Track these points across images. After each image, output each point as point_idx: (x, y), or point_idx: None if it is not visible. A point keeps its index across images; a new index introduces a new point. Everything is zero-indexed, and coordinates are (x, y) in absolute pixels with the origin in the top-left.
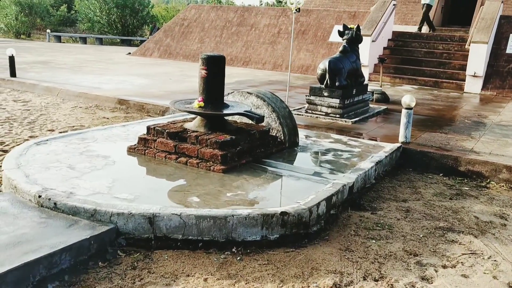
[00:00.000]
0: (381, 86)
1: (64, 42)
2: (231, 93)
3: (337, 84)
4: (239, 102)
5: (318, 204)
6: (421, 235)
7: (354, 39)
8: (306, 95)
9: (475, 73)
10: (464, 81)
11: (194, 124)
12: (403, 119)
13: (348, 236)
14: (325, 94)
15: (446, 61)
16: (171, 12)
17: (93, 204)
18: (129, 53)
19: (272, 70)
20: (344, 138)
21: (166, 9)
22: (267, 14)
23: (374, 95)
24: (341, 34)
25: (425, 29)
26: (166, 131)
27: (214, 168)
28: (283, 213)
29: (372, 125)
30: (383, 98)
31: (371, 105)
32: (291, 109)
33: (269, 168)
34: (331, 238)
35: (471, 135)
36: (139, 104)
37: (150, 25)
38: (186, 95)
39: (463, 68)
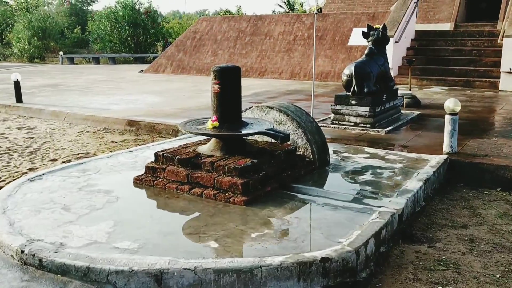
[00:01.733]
0: (410, 90)
1: (77, 64)
2: (250, 108)
3: (365, 90)
4: (258, 118)
5: (366, 243)
6: (497, 275)
7: (380, 40)
8: (331, 105)
9: (510, 69)
10: (499, 78)
11: (209, 148)
12: (448, 127)
13: (406, 282)
14: (353, 102)
15: (476, 58)
16: (185, 26)
17: (87, 259)
18: (142, 70)
19: (290, 79)
20: (380, 151)
21: (179, 23)
22: (281, 21)
23: (404, 99)
24: (365, 35)
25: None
26: (177, 157)
27: (234, 199)
28: (324, 260)
29: (408, 134)
30: (414, 102)
31: (402, 111)
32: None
33: (299, 196)
34: (385, 285)
35: None
36: (150, 125)
37: (162, 41)
38: (200, 111)
39: (496, 64)
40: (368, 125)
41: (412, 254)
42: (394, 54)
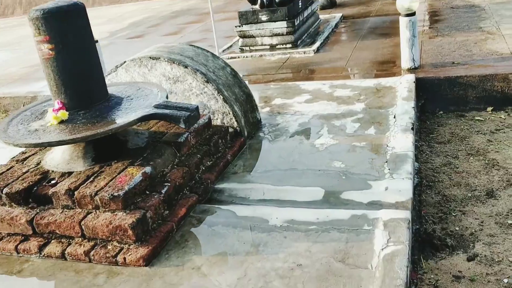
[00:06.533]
0: None
1: None
2: (123, 64)
3: None
4: (139, 83)
5: None
6: None
7: None
8: (236, 26)
9: None
10: None
11: (64, 157)
12: (405, 33)
13: None
14: (264, 18)
15: None
16: None
17: None
18: None
19: None
20: (322, 86)
21: None
22: None
23: (318, 1)
24: None
25: None
26: (4, 190)
27: (125, 258)
28: None
29: (343, 48)
30: (329, 2)
31: (320, 16)
32: (218, 51)
33: (236, 210)
34: None
35: (482, 28)
36: None
37: None
38: None
39: None
40: (289, 45)
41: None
42: None
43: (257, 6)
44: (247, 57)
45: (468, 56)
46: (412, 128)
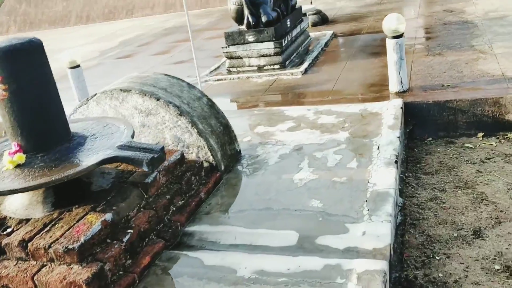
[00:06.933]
0: (311, 3)
1: None
2: (94, 97)
3: (263, 19)
4: (107, 119)
5: None
6: None
7: None
8: (223, 47)
9: None
10: None
11: (23, 202)
12: (393, 56)
13: None
14: (250, 38)
15: None
16: None
17: None
18: None
19: (165, 13)
20: (307, 112)
21: None
22: None
23: (308, 17)
24: None
25: None
26: None
27: None
28: None
29: (332, 69)
30: (320, 19)
31: (310, 34)
32: (203, 74)
33: (205, 261)
34: None
35: (474, 47)
36: None
37: None
38: None
39: None
40: (276, 66)
41: None
42: None
43: (243, 27)
44: (233, 79)
45: (458, 77)
46: (396, 161)
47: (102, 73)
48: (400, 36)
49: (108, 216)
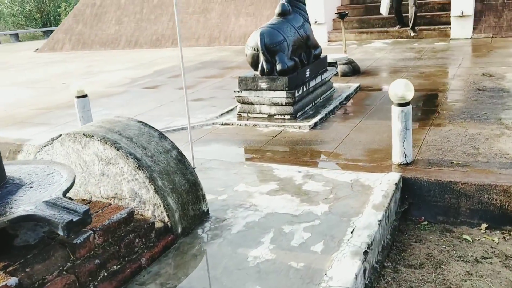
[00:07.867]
0: (345, 52)
1: None
2: (58, 138)
3: (278, 67)
4: (56, 166)
5: None
6: None
7: None
8: (235, 91)
9: (462, 13)
10: (449, 24)
11: None
12: (397, 124)
13: None
14: (263, 85)
15: (421, 1)
16: None
17: None
18: (38, 49)
19: (208, 46)
20: (297, 173)
21: None
22: None
23: (338, 66)
24: None
25: None
26: None
27: None
28: None
29: (342, 127)
30: (351, 69)
31: (335, 85)
32: (213, 116)
33: None
34: None
35: (501, 120)
36: None
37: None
38: (70, 109)
39: (445, 8)
40: (287, 116)
41: None
42: (326, 4)
43: (257, 73)
44: (241, 125)
45: (472, 155)
46: (366, 252)
47: (123, 102)
48: (407, 104)
49: (12, 281)
